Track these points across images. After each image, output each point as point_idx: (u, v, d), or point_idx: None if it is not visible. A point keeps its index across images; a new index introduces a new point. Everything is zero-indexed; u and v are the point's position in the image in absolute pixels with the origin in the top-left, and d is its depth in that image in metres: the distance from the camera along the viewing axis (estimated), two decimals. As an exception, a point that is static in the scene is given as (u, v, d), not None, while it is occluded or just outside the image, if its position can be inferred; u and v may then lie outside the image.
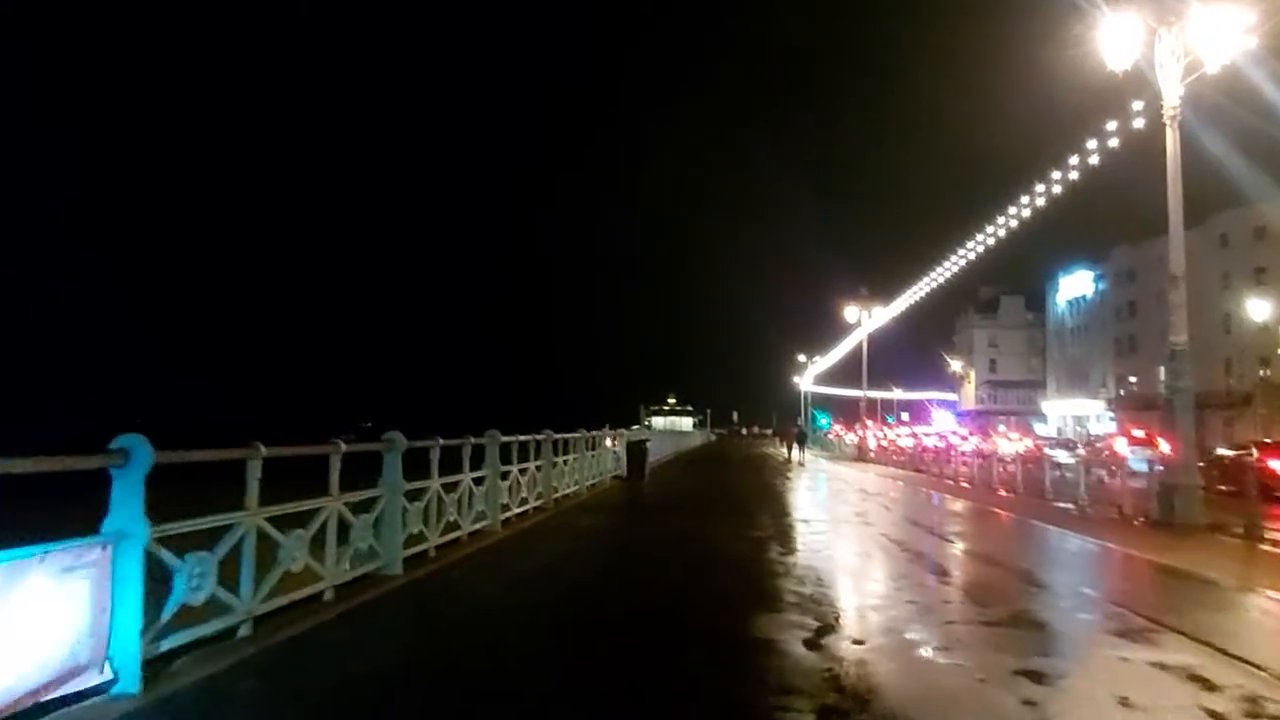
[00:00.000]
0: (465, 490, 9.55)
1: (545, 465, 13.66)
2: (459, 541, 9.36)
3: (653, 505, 16.54)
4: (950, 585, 7.88)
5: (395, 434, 7.67)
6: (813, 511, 15.54)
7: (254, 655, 4.93)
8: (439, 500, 8.77)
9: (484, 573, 8.29)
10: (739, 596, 7.09)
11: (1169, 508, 14.79)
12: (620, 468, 21.46)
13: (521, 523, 11.54)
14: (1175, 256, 15.70)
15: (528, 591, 7.34)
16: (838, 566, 8.96)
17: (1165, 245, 56.32)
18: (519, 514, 11.91)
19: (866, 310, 47.21)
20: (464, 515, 9.53)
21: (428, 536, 8.44)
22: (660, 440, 42.65)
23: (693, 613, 6.45)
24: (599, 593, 7.44)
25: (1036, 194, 23.82)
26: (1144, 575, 9.35)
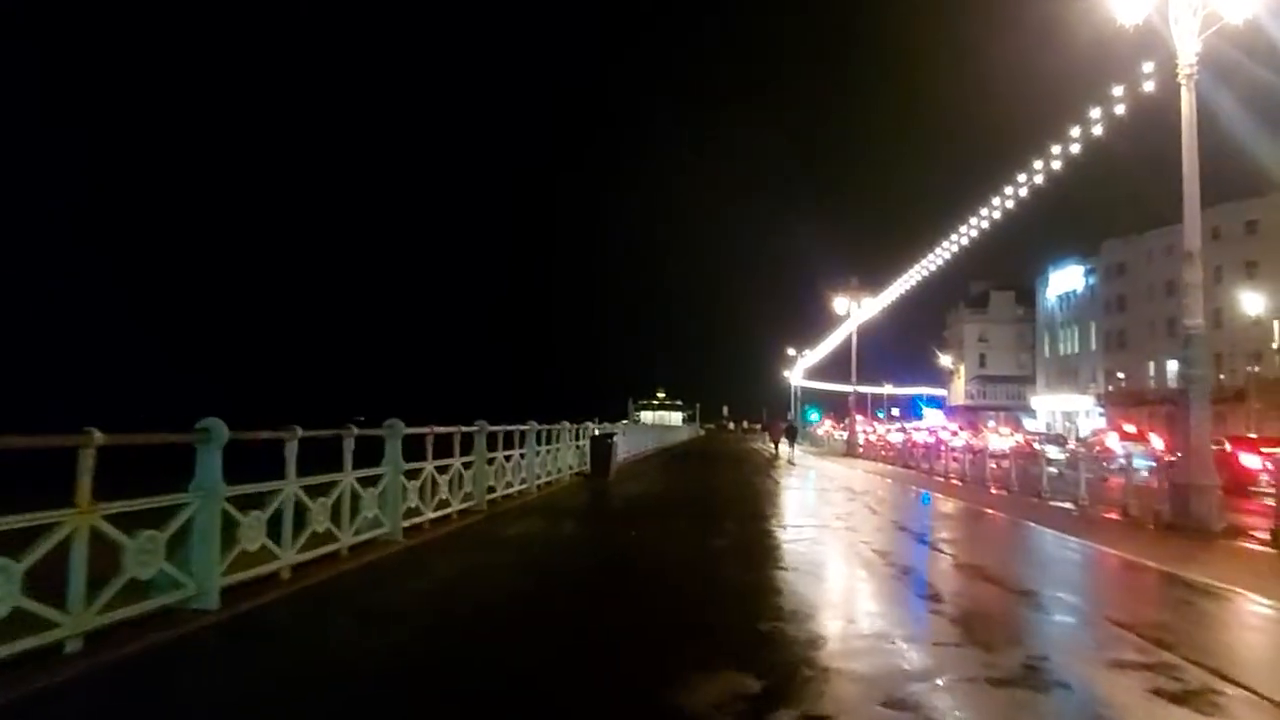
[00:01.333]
0: (345, 493, 7.83)
1: (478, 462, 12.02)
2: (336, 556, 7.70)
3: (609, 508, 14.89)
4: (944, 616, 6.30)
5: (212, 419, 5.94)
6: (791, 515, 13.95)
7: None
8: (304, 506, 7.05)
9: (336, 604, 6.54)
10: (671, 641, 5.46)
11: (1183, 509, 13.34)
12: (586, 464, 19.89)
13: (434, 530, 9.89)
14: (1190, 231, 14.19)
15: (378, 635, 5.55)
16: (809, 590, 7.36)
17: (1155, 240, 55.55)
18: (436, 519, 10.26)
19: (856, 301, 45.89)
20: (344, 525, 7.82)
21: (278, 554, 6.65)
22: (643, 434, 41.07)
23: (597, 672, 4.74)
24: (470, 638, 5.57)
25: (1034, 171, 22.37)
26: (1174, 596, 7.81)
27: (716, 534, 10.94)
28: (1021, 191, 24.04)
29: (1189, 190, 14.28)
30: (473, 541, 9.88)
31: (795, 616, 6.15)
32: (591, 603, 6.74)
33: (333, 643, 5.41)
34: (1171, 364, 64.70)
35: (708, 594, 7.09)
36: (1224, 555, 10.44)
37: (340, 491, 7.76)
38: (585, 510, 14.18)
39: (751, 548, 9.85)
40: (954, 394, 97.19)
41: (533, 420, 15.45)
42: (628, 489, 18.13)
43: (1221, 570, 8.71)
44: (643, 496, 17.01)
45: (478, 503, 12.00)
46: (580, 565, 8.58)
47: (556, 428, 17.62)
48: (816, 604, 6.73)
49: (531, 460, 15.23)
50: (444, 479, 10.61)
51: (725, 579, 7.78)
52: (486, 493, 12.38)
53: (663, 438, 52.90)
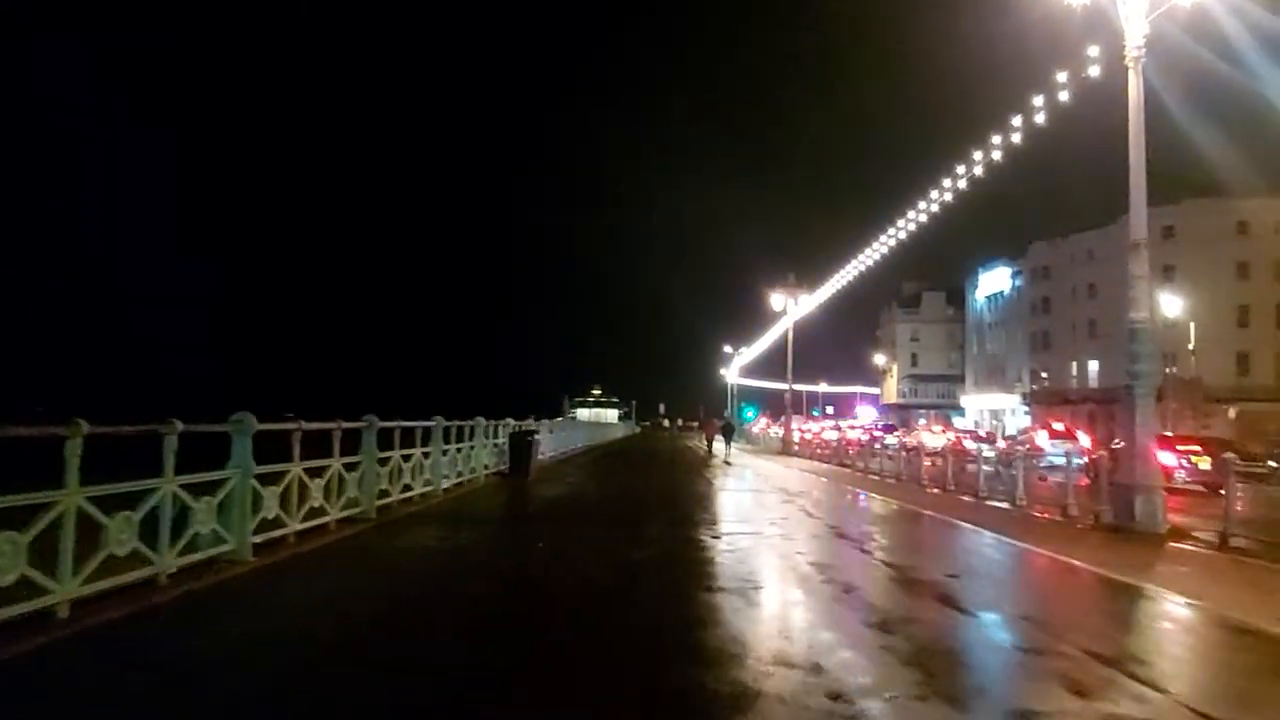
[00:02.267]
0: (164, 504, 6.25)
1: (366, 462, 10.48)
2: (152, 585, 6.14)
3: (521, 513, 13.45)
4: (898, 655, 5.15)
5: None
6: (723, 521, 12.76)
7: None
8: (99, 524, 5.48)
9: (116, 655, 4.97)
10: (551, 700, 4.16)
11: (1126, 511, 12.71)
12: (505, 463, 18.41)
13: (300, 545, 8.34)
14: (1136, 219, 13.55)
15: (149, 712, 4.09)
16: (738, 620, 6.12)
17: (1078, 243, 56.51)
18: (307, 530, 8.71)
19: (793, 297, 45.39)
20: (163, 545, 6.24)
21: (53, 589, 5.11)
22: (573, 432, 39.62)
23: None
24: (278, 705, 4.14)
25: (974, 162, 21.83)
26: (1150, 616, 6.89)
27: (638, 544, 9.67)
28: (961, 183, 23.53)
29: (1135, 180, 13.66)
30: (345, 558, 8.36)
31: (719, 659, 4.91)
32: (467, 640, 5.39)
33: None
34: (1093, 364, 66.59)
35: (613, 626, 5.80)
36: (1181, 562, 9.71)
37: (156, 502, 6.18)
38: (494, 516, 12.72)
39: (675, 561, 8.61)
40: (887, 392, 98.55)
41: (439, 416, 13.93)
42: (547, 490, 16.72)
43: (1191, 583, 7.90)
44: (562, 499, 15.64)
45: (365, 510, 10.45)
46: (465, 590, 7.15)
47: (469, 424, 16.10)
48: (746, 639, 5.50)
49: (437, 460, 13.71)
50: (317, 483, 9.06)
51: (639, 605, 6.51)
52: (377, 498, 10.84)
53: (595, 435, 51.56)
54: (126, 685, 4.30)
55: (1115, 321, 62.11)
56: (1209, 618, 6.51)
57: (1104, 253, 63.48)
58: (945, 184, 25.57)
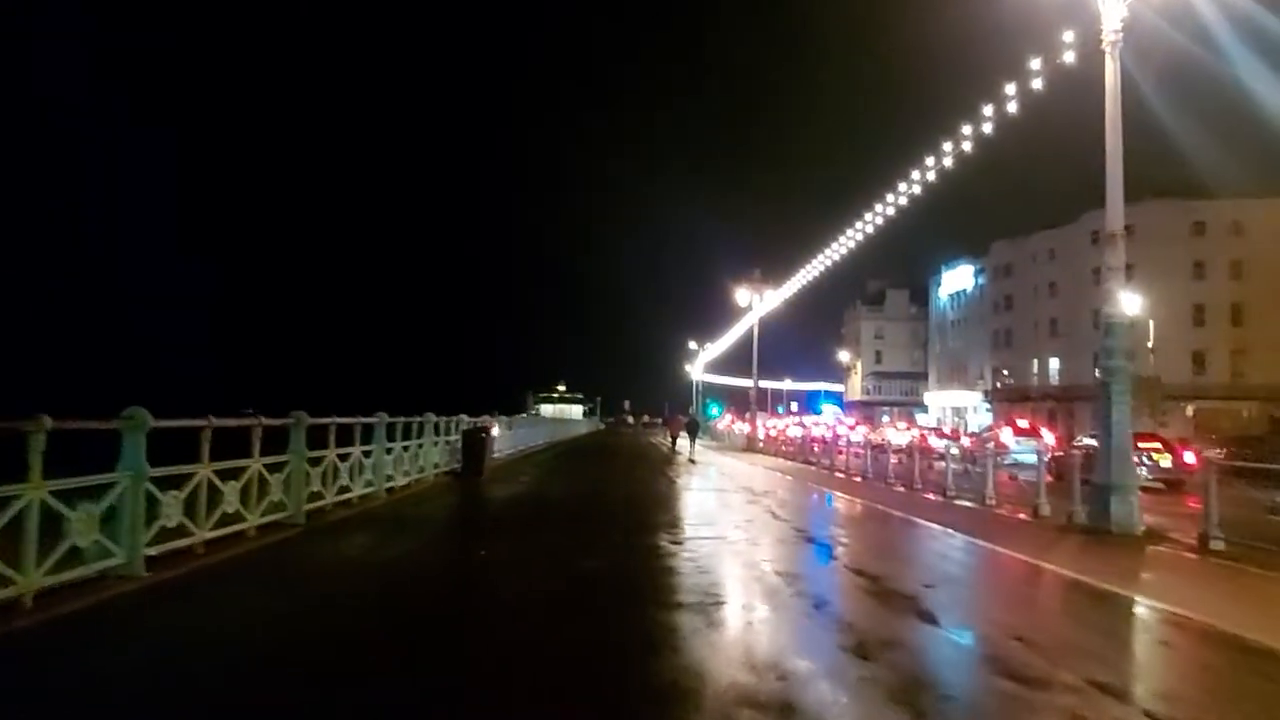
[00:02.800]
0: (29, 511, 5.32)
1: (294, 462, 9.53)
2: (13, 609, 5.21)
3: (469, 516, 12.56)
4: (882, 687, 4.45)
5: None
6: (685, 524, 12.00)
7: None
8: None
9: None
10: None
11: (1102, 512, 12.26)
12: (458, 461, 17.50)
13: (208, 556, 7.40)
14: (1112, 210, 13.12)
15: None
16: (698, 643, 5.37)
17: (1040, 242, 56.93)
18: (219, 539, 7.77)
19: (759, 293, 44.94)
20: (28, 563, 5.30)
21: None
22: (535, 428, 38.67)
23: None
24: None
25: (943, 153, 21.36)
26: (1148, 630, 6.30)
27: (591, 551, 8.89)
28: (930, 175, 23.04)
29: (1111, 169, 13.27)
30: (256, 570, 7.44)
31: (673, 696, 4.15)
32: (378, 676, 4.55)
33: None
34: (1054, 361, 67.33)
35: (554, 656, 5.01)
36: (1165, 568, 9.21)
37: (17, 511, 5.24)
38: (438, 520, 11.81)
39: (631, 572, 7.83)
40: (851, 389, 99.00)
41: (382, 412, 12.97)
42: (501, 491, 15.85)
43: (1182, 594, 7.35)
44: (515, 500, 14.78)
45: (292, 514, 9.50)
46: (387, 609, 6.28)
47: (418, 420, 15.15)
48: (706, 670, 4.74)
49: (380, 459, 12.76)
50: (233, 486, 8.11)
51: (585, 627, 5.72)
52: (307, 501, 9.89)
53: (557, 432, 50.64)
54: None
55: (1076, 320, 63.21)
56: (1214, 635, 5.92)
57: (1065, 251, 64.20)
58: (914, 176, 25.15)
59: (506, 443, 26.98)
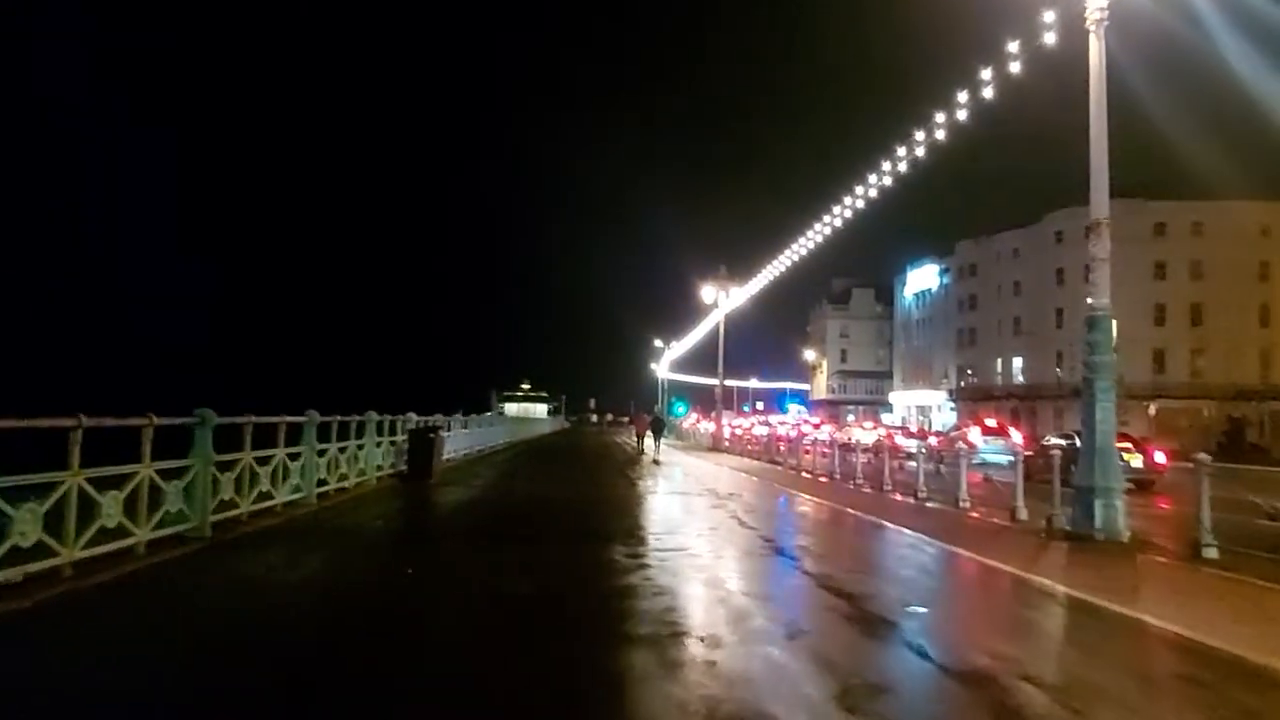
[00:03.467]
0: None
1: (196, 467, 8.35)
2: None
3: (405, 526, 11.40)
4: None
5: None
6: (642, 533, 10.98)
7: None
8: None
9: None
10: None
11: (1085, 516, 11.58)
12: (405, 463, 16.34)
13: (84, 578, 6.21)
14: (1097, 197, 12.42)
15: None
16: (639, 690, 4.39)
17: (1004, 241, 56.92)
18: (91, 560, 6.59)
19: (724, 290, 44.22)
20: None
21: None
22: (494, 428, 37.42)
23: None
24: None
25: (916, 142, 20.71)
26: (1170, 665, 5.48)
27: (535, 567, 7.88)
28: (902, 166, 22.40)
29: (1096, 154, 12.54)
30: (128, 598, 6.27)
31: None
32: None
33: None
34: (1017, 360, 67.72)
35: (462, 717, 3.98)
36: (1163, 581, 8.48)
37: None
38: (368, 530, 10.62)
39: (577, 595, 6.83)
40: (817, 388, 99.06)
41: (313, 410, 11.79)
42: (448, 495, 14.71)
43: (1194, 614, 6.57)
44: (462, 506, 13.67)
45: (196, 526, 8.33)
46: (268, 655, 5.15)
47: (357, 419, 13.97)
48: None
49: (311, 461, 11.59)
50: (114, 496, 6.94)
51: (508, 674, 4.68)
52: (216, 511, 8.72)
53: (519, 431, 49.42)
54: None
55: (1040, 319, 63.57)
56: (1244, 670, 5.12)
57: (1030, 251, 64.59)
58: (885, 166, 24.62)
59: (463, 442, 25.81)
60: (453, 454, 23.58)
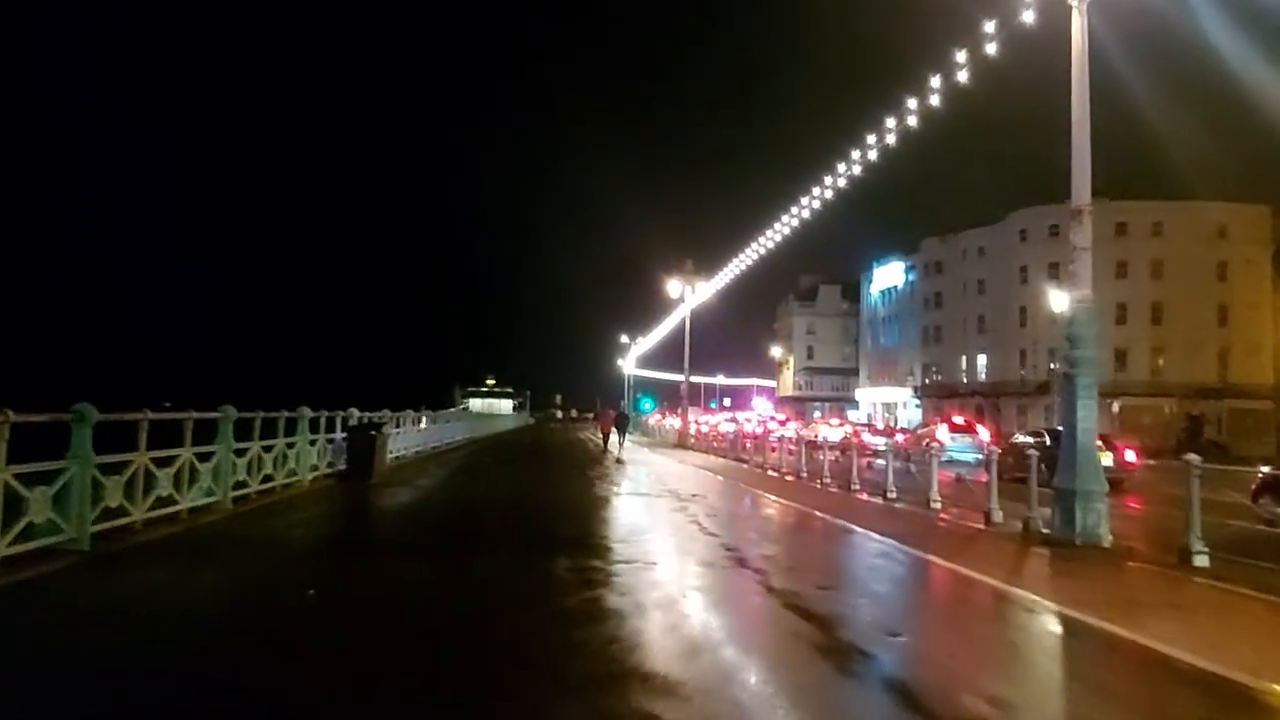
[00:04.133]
0: None
1: (77, 470, 7.20)
2: None
3: (327, 534, 10.20)
4: None
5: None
6: (594, 542, 9.98)
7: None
8: None
9: None
10: None
11: (1066, 521, 10.91)
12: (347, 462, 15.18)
13: None
14: (1079, 182, 11.68)
15: None
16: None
17: (970, 239, 56.59)
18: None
19: (691, 284, 43.42)
20: None
21: None
22: (455, 424, 36.14)
23: None
24: None
25: (887, 129, 20.03)
26: (1203, 704, 4.68)
27: (463, 588, 6.89)
28: (872, 154, 21.69)
29: (1078, 137, 11.76)
30: None
31: None
32: None
33: None
34: (981, 358, 67.99)
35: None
36: (1162, 593, 7.77)
37: None
38: (283, 540, 9.39)
39: (511, 628, 5.81)
40: (783, 385, 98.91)
41: (229, 405, 10.62)
42: (388, 498, 13.62)
43: (1205, 634, 5.84)
44: (400, 511, 12.59)
45: (74, 538, 7.18)
46: (126, 689, 4.15)
47: (285, 415, 12.80)
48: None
49: (225, 462, 10.43)
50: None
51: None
52: (101, 519, 7.58)
53: (480, 427, 48.15)
54: None
55: (1004, 317, 63.78)
56: (1272, 707, 4.36)
57: (995, 249, 64.80)
58: (854, 156, 23.98)
59: (416, 439, 24.64)
60: (403, 452, 22.42)
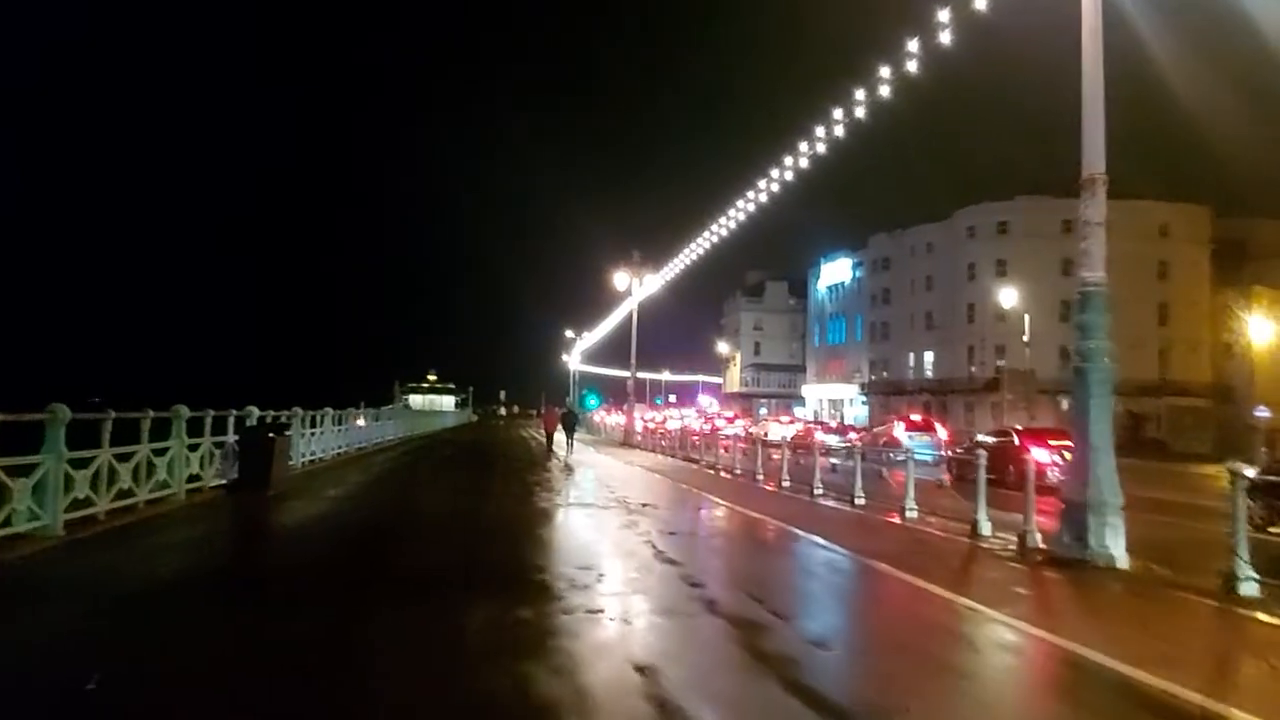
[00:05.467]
0: None
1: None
2: None
3: (179, 574, 7.55)
4: None
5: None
6: (524, 581, 8.02)
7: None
8: None
9: None
10: None
11: (1078, 538, 9.42)
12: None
13: None
14: (1091, 147, 10.22)
15: None
16: None
17: (917, 236, 56.88)
18: None
19: (638, 276, 41.64)
20: None
21: None
22: (386, 423, 33.58)
23: None
24: None
25: (834, 121, 19.36)
26: None
27: (336, 670, 4.92)
28: (844, 131, 20.58)
29: (1090, 95, 10.21)
30: None
31: None
32: None
33: None
34: (928, 355, 67.84)
35: None
36: (1223, 637, 6.25)
37: None
38: (114, 583, 6.84)
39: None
40: (730, 381, 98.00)
41: (60, 404, 8.34)
42: (283, 516, 11.43)
43: None
44: (290, 534, 10.40)
45: None
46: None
47: (148, 416, 10.49)
48: None
49: (56, 475, 8.18)
50: None
51: None
52: None
53: (416, 425, 45.56)
54: None
55: (951, 314, 63.61)
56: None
57: (942, 246, 64.62)
58: (802, 149, 23.29)
59: (337, 440, 22.28)
60: (320, 454, 20.10)
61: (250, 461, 12.64)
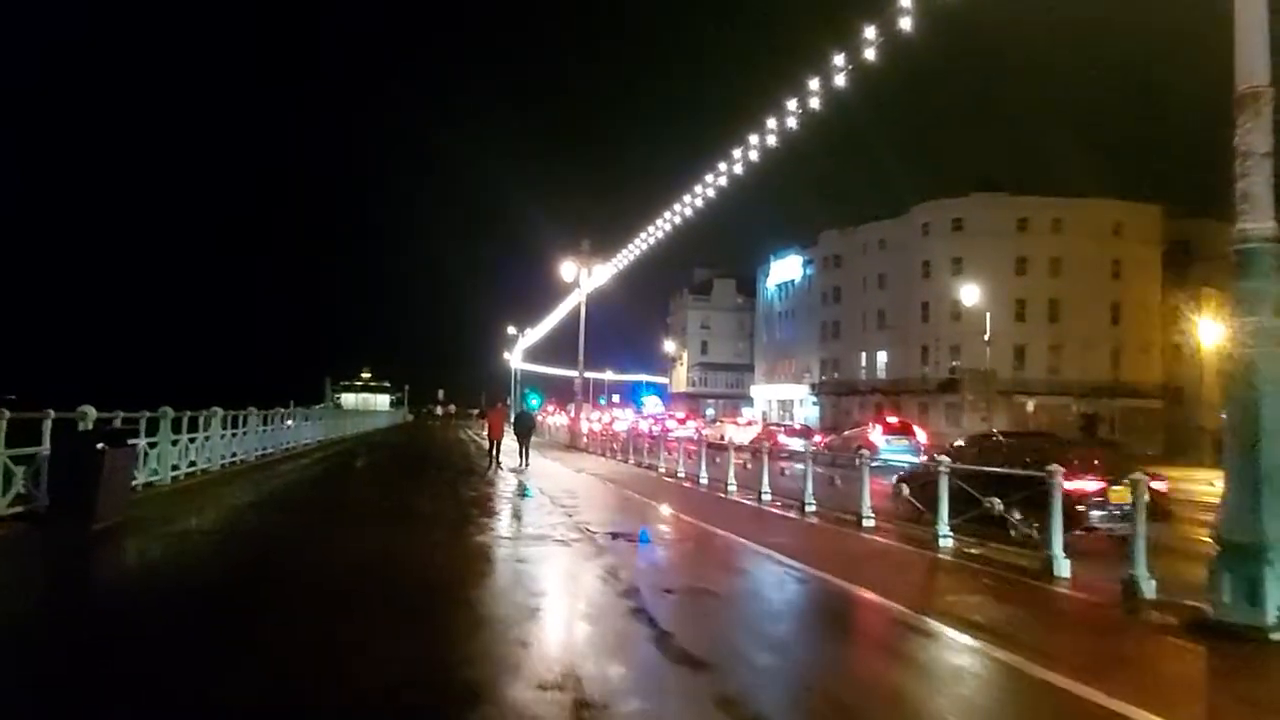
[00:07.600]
0: None
1: None
2: None
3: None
4: None
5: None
6: (441, 687, 4.94)
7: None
8: None
9: None
10: None
11: (1246, 598, 6.67)
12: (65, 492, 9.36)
13: None
14: (1249, 51, 7.28)
15: None
16: None
17: (869, 233, 54.90)
18: None
19: (587, 267, 38.55)
20: None
21: None
22: (303, 425, 29.64)
23: None
24: None
25: (787, 113, 18.16)
26: None
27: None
28: (790, 127, 19.60)
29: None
30: None
31: None
32: None
33: None
34: (881, 355, 66.29)
35: None
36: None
37: None
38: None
39: None
40: (676, 381, 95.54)
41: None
42: (98, 570, 7.94)
43: None
44: (94, 611, 6.82)
45: None
46: None
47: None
48: None
49: None
50: None
51: None
52: None
53: (342, 427, 41.51)
54: None
55: (905, 312, 62.04)
56: None
57: (895, 243, 63.12)
58: (753, 141, 21.55)
59: (228, 446, 18.57)
60: (205, 465, 16.41)
61: (68, 483, 9.09)
